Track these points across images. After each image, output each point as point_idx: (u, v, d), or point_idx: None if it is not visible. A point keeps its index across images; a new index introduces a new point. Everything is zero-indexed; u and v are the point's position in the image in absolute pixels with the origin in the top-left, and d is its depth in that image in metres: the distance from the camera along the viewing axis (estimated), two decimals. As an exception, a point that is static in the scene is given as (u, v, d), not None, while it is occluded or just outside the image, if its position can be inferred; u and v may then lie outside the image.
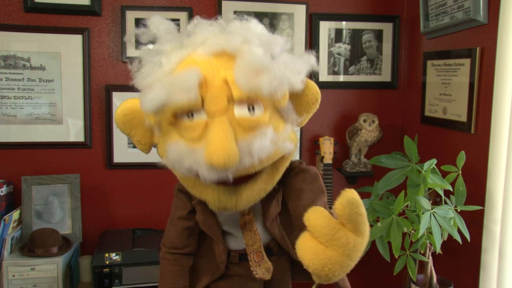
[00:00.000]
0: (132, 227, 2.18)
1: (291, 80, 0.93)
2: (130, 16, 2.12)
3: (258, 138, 0.89)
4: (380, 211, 1.63)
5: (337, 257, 0.79)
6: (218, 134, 0.85)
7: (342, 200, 0.80)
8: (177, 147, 0.91)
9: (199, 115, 0.90)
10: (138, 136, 1.04)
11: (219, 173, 0.85)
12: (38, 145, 2.11)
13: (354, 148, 2.28)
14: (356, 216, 0.79)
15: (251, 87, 0.87)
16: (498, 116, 1.54)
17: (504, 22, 1.49)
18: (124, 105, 1.02)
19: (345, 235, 0.79)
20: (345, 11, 2.29)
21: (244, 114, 0.90)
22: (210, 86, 0.90)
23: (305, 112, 1.03)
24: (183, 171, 0.92)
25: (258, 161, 0.89)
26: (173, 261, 1.19)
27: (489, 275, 1.59)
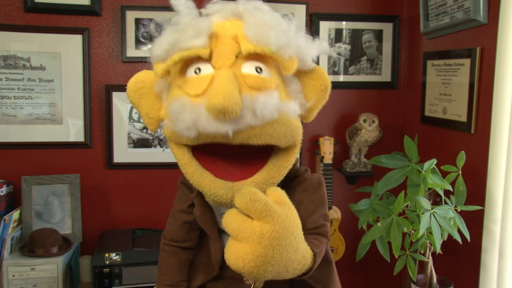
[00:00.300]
0: (132, 227, 2.18)
1: (301, 46, 0.92)
2: (130, 16, 2.13)
3: (263, 95, 0.87)
4: (380, 211, 1.63)
5: (248, 247, 0.78)
6: (221, 80, 0.83)
7: (237, 194, 0.81)
8: (180, 101, 0.88)
9: (206, 69, 0.89)
10: (146, 107, 1.00)
11: (218, 122, 0.83)
12: (38, 145, 2.12)
13: (354, 148, 2.28)
14: (252, 204, 0.78)
15: (259, 39, 0.87)
16: (498, 116, 1.54)
17: (504, 22, 1.49)
18: (138, 74, 1.01)
19: (250, 224, 0.78)
20: (345, 11, 2.29)
21: (252, 72, 0.89)
22: (220, 40, 0.90)
23: (313, 97, 1.00)
24: (182, 129, 0.88)
25: (261, 122, 0.86)
26: (171, 254, 1.18)
27: (489, 275, 1.59)
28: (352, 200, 2.18)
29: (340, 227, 2.26)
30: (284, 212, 0.82)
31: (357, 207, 1.74)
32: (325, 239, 1.03)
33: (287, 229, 0.81)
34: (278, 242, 0.79)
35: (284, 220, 0.80)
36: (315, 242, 0.96)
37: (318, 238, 1.00)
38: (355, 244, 1.80)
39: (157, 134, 2.20)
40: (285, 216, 0.81)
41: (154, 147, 2.21)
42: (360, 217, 1.72)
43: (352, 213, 1.84)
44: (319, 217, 1.05)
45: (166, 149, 2.22)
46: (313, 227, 1.03)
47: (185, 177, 1.12)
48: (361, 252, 1.70)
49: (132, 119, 2.18)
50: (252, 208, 0.78)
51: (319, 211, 1.05)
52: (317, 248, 0.95)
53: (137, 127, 2.19)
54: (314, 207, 1.05)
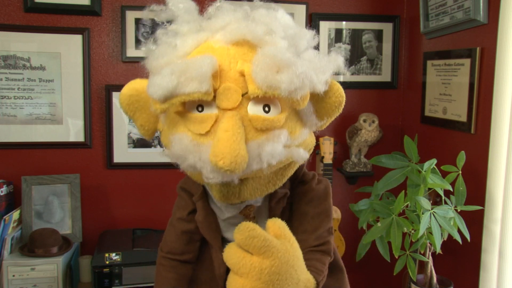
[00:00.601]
0: (132, 227, 2.18)
1: (314, 80, 0.83)
2: (130, 16, 2.13)
3: (270, 142, 0.81)
4: (380, 211, 1.63)
5: (248, 283, 0.78)
6: (226, 134, 0.77)
7: (236, 230, 0.80)
8: (182, 141, 0.83)
9: (210, 108, 0.82)
10: (141, 120, 0.95)
11: (223, 176, 0.80)
12: (38, 145, 2.11)
13: (354, 148, 2.28)
14: (250, 240, 0.78)
15: (269, 84, 0.78)
16: (498, 116, 1.54)
17: (504, 22, 1.49)
18: (131, 85, 0.94)
19: (249, 260, 0.79)
20: (345, 11, 2.29)
21: (258, 113, 0.82)
22: (225, 76, 0.82)
23: (326, 116, 0.94)
24: (185, 167, 0.86)
25: (267, 166, 0.83)
26: (169, 268, 1.11)
27: (489, 275, 1.59)
28: (352, 200, 2.18)
29: (340, 227, 2.26)
30: (284, 246, 0.81)
31: (357, 207, 1.74)
32: (328, 257, 1.02)
33: (287, 263, 0.80)
34: (278, 277, 0.80)
35: (283, 255, 0.80)
36: (318, 267, 0.95)
37: (321, 259, 0.99)
38: (355, 244, 1.80)
39: (157, 134, 2.19)
40: (285, 250, 0.81)
41: (154, 147, 2.21)
42: (360, 217, 1.72)
43: (352, 213, 1.84)
44: (324, 231, 1.03)
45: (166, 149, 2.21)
46: (318, 244, 1.02)
47: (185, 182, 1.10)
48: (361, 252, 1.70)
49: (132, 119, 2.17)
50: (251, 244, 0.78)
51: (324, 226, 1.03)
52: (320, 275, 0.94)
53: (137, 127, 2.18)
54: (319, 221, 1.03)
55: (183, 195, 1.11)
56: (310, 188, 1.05)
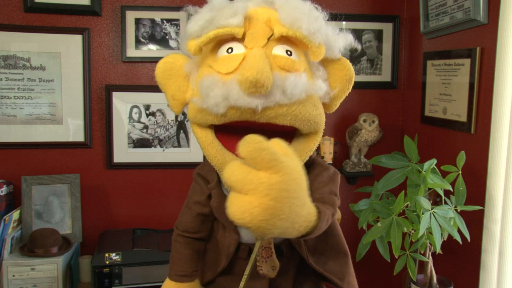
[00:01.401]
0: (132, 227, 2.18)
1: (330, 36, 0.97)
2: (130, 16, 2.13)
3: (292, 75, 0.90)
4: (380, 211, 1.63)
5: (255, 200, 0.72)
6: (253, 57, 0.87)
7: (241, 143, 0.74)
8: (211, 78, 0.91)
9: (238, 49, 0.92)
10: (173, 88, 1.02)
11: (249, 96, 0.85)
12: (38, 145, 2.12)
13: (354, 148, 2.28)
14: (259, 152, 0.72)
15: (292, 23, 0.90)
16: (498, 116, 1.54)
17: (504, 22, 1.49)
18: (167, 56, 1.03)
19: (256, 175, 0.73)
20: (345, 11, 2.29)
21: (282, 54, 0.92)
22: (254, 23, 0.94)
23: (338, 86, 1.02)
24: (212, 104, 0.89)
25: (290, 101, 0.89)
26: (184, 244, 1.19)
27: (489, 275, 1.59)
28: (352, 200, 2.18)
29: (340, 227, 2.26)
30: (292, 162, 0.77)
31: (357, 207, 1.74)
32: (331, 207, 0.99)
33: (295, 181, 0.76)
34: (287, 194, 0.74)
35: (292, 171, 0.75)
36: (320, 205, 0.93)
37: (325, 205, 0.97)
38: (355, 244, 1.80)
39: (157, 134, 2.20)
40: (293, 167, 0.76)
41: (154, 147, 2.21)
42: (360, 217, 1.72)
43: (352, 213, 1.84)
44: (328, 192, 1.04)
45: (166, 149, 2.22)
46: (319, 197, 1.01)
47: (202, 169, 1.15)
48: (361, 252, 1.70)
49: (132, 119, 2.18)
50: (259, 157, 0.72)
51: (329, 187, 1.05)
52: (322, 207, 0.92)
53: (137, 127, 2.19)
54: (323, 184, 1.05)
55: (199, 181, 1.16)
56: (320, 165, 1.10)
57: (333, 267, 1.16)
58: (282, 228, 0.76)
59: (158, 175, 2.23)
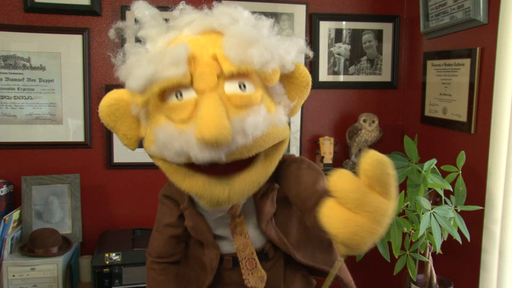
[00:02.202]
0: (132, 227, 2.18)
1: (282, 55, 0.90)
2: (130, 16, 2.12)
3: (251, 115, 0.84)
4: (380, 211, 1.62)
5: (369, 224, 0.71)
6: (209, 110, 0.79)
7: (371, 161, 0.71)
8: (166, 130, 0.85)
9: (188, 93, 0.85)
10: (123, 129, 0.96)
11: (211, 151, 0.79)
12: (38, 145, 2.11)
13: (354, 148, 2.28)
14: (387, 177, 0.71)
15: (242, 59, 0.83)
16: (498, 116, 1.54)
17: (504, 22, 1.49)
18: (109, 96, 0.96)
19: (376, 199, 0.71)
20: (345, 11, 2.29)
21: (235, 91, 0.86)
22: (199, 62, 0.86)
23: (296, 96, 0.99)
24: (172, 156, 0.85)
25: (252, 140, 0.84)
26: (160, 271, 1.15)
27: (489, 275, 1.59)
28: (352, 200, 2.18)
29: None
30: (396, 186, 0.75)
31: (357, 207, 1.74)
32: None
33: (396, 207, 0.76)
34: (389, 221, 0.74)
35: (396, 197, 0.75)
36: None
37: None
38: (355, 244, 1.80)
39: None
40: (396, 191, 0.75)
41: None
42: (360, 217, 1.72)
43: (352, 213, 1.84)
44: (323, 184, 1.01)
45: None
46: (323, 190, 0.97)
47: (168, 190, 1.13)
48: (361, 252, 1.70)
49: (132, 119, 2.18)
50: (384, 181, 0.71)
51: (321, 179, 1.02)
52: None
53: (137, 127, 2.18)
54: (314, 176, 1.02)
55: (167, 203, 1.14)
56: (293, 159, 1.07)
57: (322, 257, 1.15)
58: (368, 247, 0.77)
59: (158, 175, 2.21)
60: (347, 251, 0.78)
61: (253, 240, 1.10)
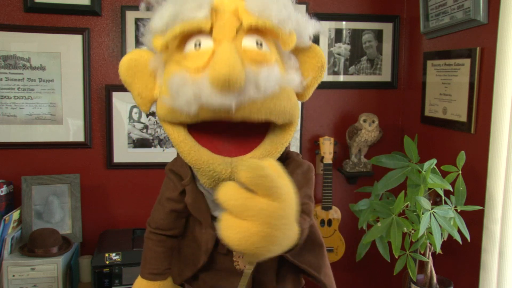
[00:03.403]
0: (132, 227, 2.18)
1: (300, 22, 0.92)
2: (130, 16, 2.13)
3: (265, 69, 0.85)
4: (380, 211, 1.63)
5: (254, 227, 0.71)
6: (224, 52, 0.81)
7: (244, 167, 0.73)
8: (180, 76, 0.86)
9: (206, 43, 0.87)
10: (139, 87, 0.98)
11: (222, 95, 0.80)
12: (38, 145, 2.12)
13: (354, 148, 2.28)
14: (261, 179, 0.72)
15: (261, 11, 0.86)
16: (498, 116, 1.54)
17: (504, 22, 1.49)
18: (130, 54, 0.99)
19: (257, 202, 0.72)
20: (345, 11, 2.29)
21: (252, 46, 0.88)
22: (221, 14, 0.89)
23: (310, 74, 1.00)
24: (183, 104, 0.85)
25: (263, 96, 0.85)
26: (157, 242, 1.18)
27: (489, 275, 1.59)
28: (352, 200, 2.18)
29: (340, 227, 2.26)
30: (287, 187, 0.76)
31: (357, 207, 1.74)
32: (307, 217, 1.00)
33: (291, 206, 0.76)
34: (284, 221, 0.74)
35: (288, 197, 0.75)
36: (299, 219, 0.91)
37: (302, 215, 0.96)
38: (355, 244, 1.80)
39: (157, 134, 2.20)
40: (289, 191, 0.76)
41: (154, 147, 2.21)
42: (360, 217, 1.72)
43: (352, 213, 1.84)
44: (303, 196, 1.02)
45: (166, 149, 2.22)
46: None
47: (174, 164, 1.13)
48: (361, 252, 1.70)
49: (132, 119, 2.18)
50: (261, 184, 0.72)
51: (303, 190, 1.03)
52: (304, 224, 0.93)
53: (137, 127, 2.19)
54: (299, 186, 1.00)
55: (172, 177, 1.14)
56: (295, 161, 1.08)
57: (310, 259, 1.14)
58: (273, 251, 0.77)
59: (158, 175, 2.21)
60: (251, 258, 0.78)
61: None
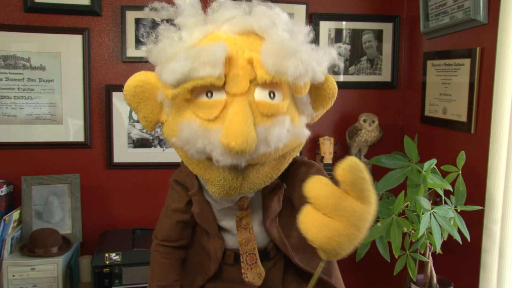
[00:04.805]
0: (132, 227, 2.18)
1: (315, 69, 0.89)
2: (130, 16, 2.13)
3: (276, 126, 0.85)
4: (380, 211, 1.63)
5: (344, 228, 0.73)
6: (237, 116, 0.81)
7: (345, 166, 0.74)
8: (191, 126, 0.86)
9: (219, 94, 0.86)
10: (145, 111, 0.97)
11: (233, 158, 0.82)
12: (38, 145, 2.11)
13: (354, 148, 2.28)
14: (360, 181, 0.73)
15: (277, 69, 0.83)
16: (498, 116, 1.54)
17: (504, 22, 1.49)
18: (136, 77, 0.96)
19: (350, 203, 0.73)
20: (345, 11, 2.29)
21: (265, 98, 0.87)
22: (234, 64, 0.87)
23: (320, 107, 1.01)
24: (193, 152, 0.87)
25: (274, 150, 0.86)
26: (164, 254, 1.16)
27: (489, 275, 1.59)
28: (352, 200, 2.18)
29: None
30: (374, 191, 0.77)
31: (357, 207, 1.74)
32: None
33: (375, 211, 0.77)
34: (369, 225, 0.76)
35: (376, 202, 0.76)
36: None
37: None
38: (355, 244, 1.80)
39: (157, 134, 2.20)
40: (375, 196, 0.77)
41: (154, 147, 2.21)
42: (360, 217, 1.72)
43: (352, 213, 1.84)
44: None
45: (166, 149, 2.22)
46: None
47: (179, 175, 1.14)
48: (361, 252, 1.70)
49: (132, 119, 2.18)
50: (359, 186, 0.73)
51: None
52: None
53: (137, 127, 2.19)
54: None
55: (177, 188, 1.15)
56: (303, 162, 1.09)
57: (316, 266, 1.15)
58: (348, 251, 0.78)
59: (158, 175, 2.23)
60: (326, 256, 0.79)
61: (257, 237, 1.11)
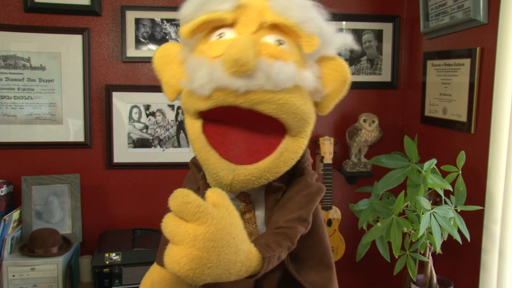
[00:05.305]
0: (132, 227, 2.18)
1: (323, 27, 0.96)
2: (130, 16, 2.13)
3: (279, 62, 0.88)
4: (380, 211, 1.62)
5: (182, 250, 0.76)
6: (240, 39, 0.87)
7: (171, 196, 0.79)
8: (198, 60, 0.92)
9: (229, 35, 0.94)
10: (167, 75, 1.04)
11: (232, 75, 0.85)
12: (38, 145, 2.12)
13: (354, 148, 2.28)
14: (184, 206, 0.77)
15: (283, 11, 0.91)
16: (498, 116, 1.54)
17: (504, 22, 1.49)
18: (164, 44, 1.07)
19: (184, 227, 0.77)
20: (345, 11, 2.29)
21: (272, 42, 0.92)
22: (247, 10, 0.95)
23: (331, 85, 1.01)
24: (197, 85, 0.90)
25: (274, 86, 0.87)
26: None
27: (489, 275, 1.59)
28: (352, 200, 2.18)
29: (340, 227, 2.26)
30: (220, 213, 0.80)
31: (357, 207, 1.74)
32: (287, 242, 0.98)
33: (222, 230, 0.78)
34: (213, 244, 0.77)
35: (219, 221, 0.78)
36: (271, 245, 0.93)
37: (278, 241, 0.96)
38: (355, 244, 1.80)
39: (157, 134, 2.20)
40: (221, 217, 0.79)
41: (154, 147, 2.21)
42: (360, 217, 1.72)
43: (352, 213, 1.84)
44: (296, 218, 1.01)
45: (166, 149, 2.22)
46: (284, 226, 1.00)
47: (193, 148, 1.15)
48: (361, 252, 1.70)
49: (132, 119, 2.18)
50: (185, 210, 0.77)
51: (299, 213, 1.01)
52: (270, 252, 0.91)
53: (137, 127, 2.19)
54: (297, 207, 1.02)
55: (193, 169, 1.16)
56: (306, 181, 1.07)
57: (314, 279, 1.13)
58: (214, 274, 0.79)
59: (158, 175, 2.23)
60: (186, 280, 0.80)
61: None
